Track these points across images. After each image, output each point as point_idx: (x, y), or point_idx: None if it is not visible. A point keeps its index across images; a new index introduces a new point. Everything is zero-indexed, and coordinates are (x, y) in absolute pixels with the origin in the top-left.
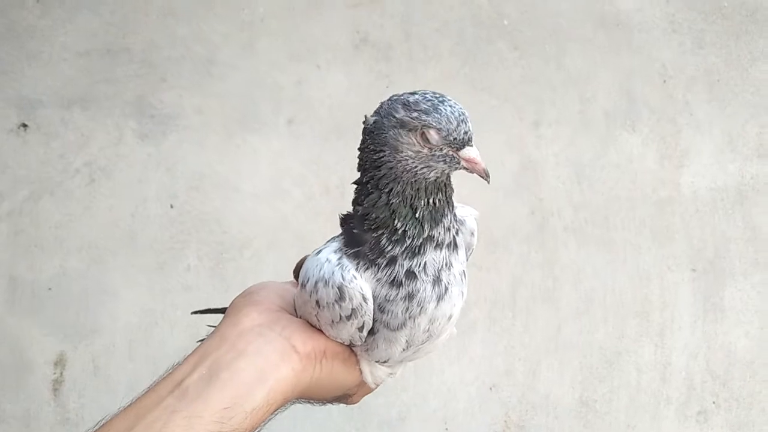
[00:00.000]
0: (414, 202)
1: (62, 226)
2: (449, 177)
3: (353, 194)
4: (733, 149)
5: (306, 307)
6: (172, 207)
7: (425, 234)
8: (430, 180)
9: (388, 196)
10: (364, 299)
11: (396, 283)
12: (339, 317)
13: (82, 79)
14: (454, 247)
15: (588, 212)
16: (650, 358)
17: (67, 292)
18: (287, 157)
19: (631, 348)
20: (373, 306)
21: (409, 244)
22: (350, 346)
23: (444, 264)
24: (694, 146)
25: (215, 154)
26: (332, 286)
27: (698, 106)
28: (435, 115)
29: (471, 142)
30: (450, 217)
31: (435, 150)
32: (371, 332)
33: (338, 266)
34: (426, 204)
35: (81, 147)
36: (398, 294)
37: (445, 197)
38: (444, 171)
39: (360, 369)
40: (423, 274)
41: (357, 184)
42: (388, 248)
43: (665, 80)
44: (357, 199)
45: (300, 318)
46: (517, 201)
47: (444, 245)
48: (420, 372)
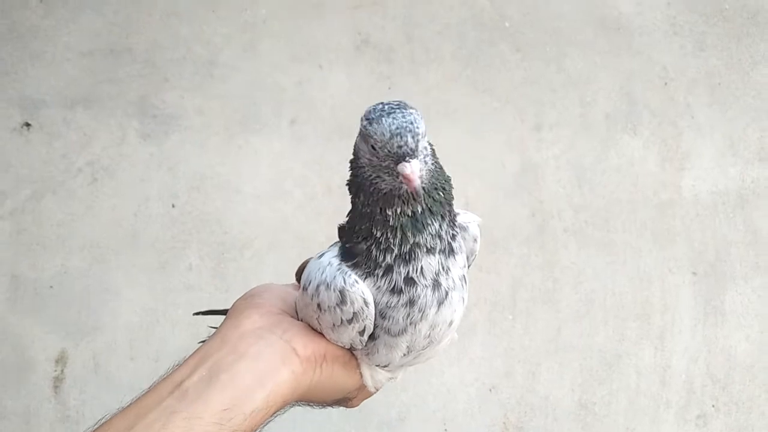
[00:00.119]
0: (385, 211)
1: (64, 225)
2: (419, 191)
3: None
4: (735, 153)
5: (307, 310)
6: (174, 207)
7: (410, 242)
8: (384, 191)
9: (362, 206)
10: (366, 303)
11: (396, 291)
12: (340, 321)
13: (85, 79)
14: (450, 252)
15: (588, 214)
16: (650, 361)
17: (69, 291)
18: (289, 158)
19: (631, 351)
20: (374, 312)
21: (399, 252)
22: (351, 350)
23: (440, 268)
24: (695, 149)
25: (217, 155)
26: (334, 290)
27: (699, 109)
28: (375, 126)
29: (409, 158)
30: (438, 225)
31: (381, 161)
32: (372, 337)
33: (340, 270)
34: (397, 213)
35: (83, 146)
36: (399, 300)
37: (426, 206)
38: (393, 184)
39: (360, 373)
40: (422, 279)
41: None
42: (380, 257)
43: (666, 83)
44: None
45: (301, 321)
46: (518, 202)
47: (436, 251)
48: (420, 373)
